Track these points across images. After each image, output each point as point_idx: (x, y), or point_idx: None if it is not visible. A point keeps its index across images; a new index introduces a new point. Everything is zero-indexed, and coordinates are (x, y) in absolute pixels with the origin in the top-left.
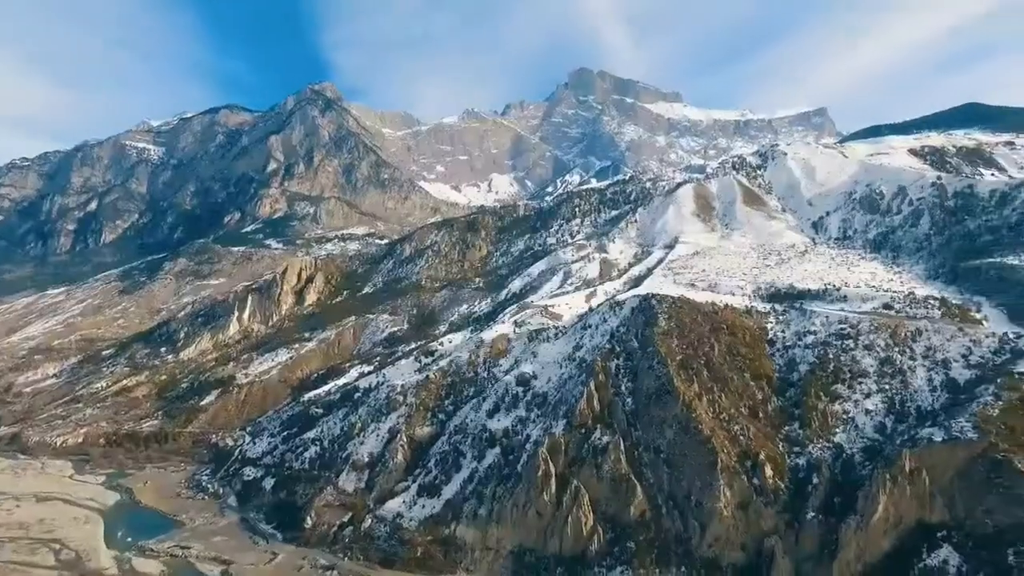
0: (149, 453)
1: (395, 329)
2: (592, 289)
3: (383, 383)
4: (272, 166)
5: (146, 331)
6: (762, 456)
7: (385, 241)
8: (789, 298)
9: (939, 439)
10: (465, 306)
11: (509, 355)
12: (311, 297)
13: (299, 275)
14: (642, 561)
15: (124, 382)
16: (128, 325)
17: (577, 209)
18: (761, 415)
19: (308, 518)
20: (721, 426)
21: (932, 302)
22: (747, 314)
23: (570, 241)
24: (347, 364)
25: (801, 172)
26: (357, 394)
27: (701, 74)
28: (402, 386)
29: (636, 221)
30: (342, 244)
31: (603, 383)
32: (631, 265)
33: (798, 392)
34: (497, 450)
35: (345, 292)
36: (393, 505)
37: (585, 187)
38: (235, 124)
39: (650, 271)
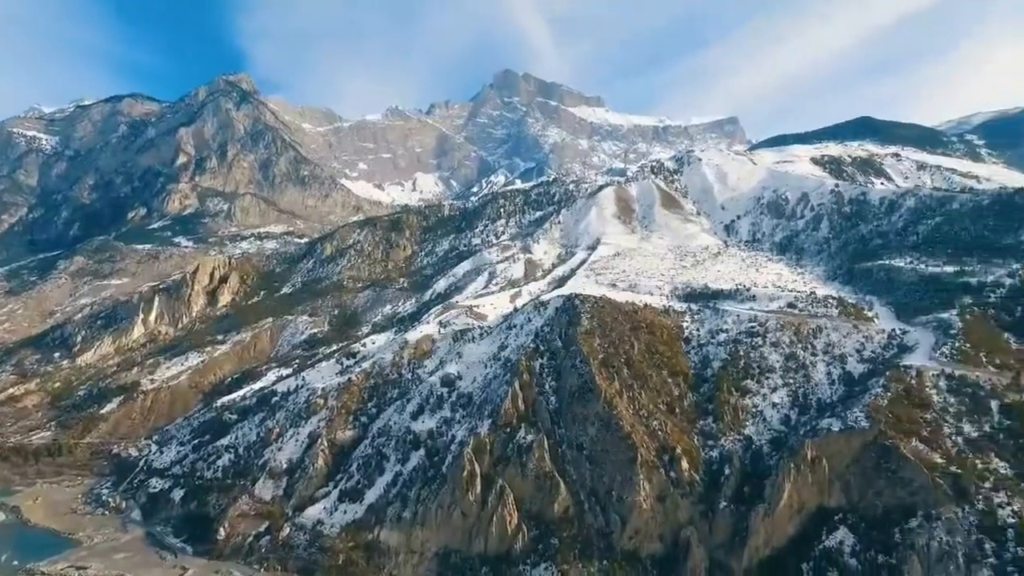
0: (40, 467)
1: (315, 331)
2: (517, 289)
3: (303, 386)
4: (182, 160)
5: (37, 335)
6: (679, 450)
7: (305, 240)
8: (704, 298)
9: (836, 429)
10: (389, 306)
11: (434, 356)
12: (225, 298)
13: (212, 275)
14: (565, 557)
15: (11, 391)
16: (15, 329)
17: (502, 210)
18: (678, 410)
19: (221, 529)
20: (640, 422)
21: (831, 301)
22: (665, 313)
23: (495, 242)
24: (264, 367)
25: (714, 177)
26: (275, 398)
27: (622, 79)
28: (323, 389)
29: (560, 222)
30: (258, 243)
31: (528, 382)
32: (555, 266)
33: (712, 388)
34: (422, 452)
35: (262, 292)
36: (313, 512)
37: (510, 188)
38: (140, 114)
39: (573, 271)
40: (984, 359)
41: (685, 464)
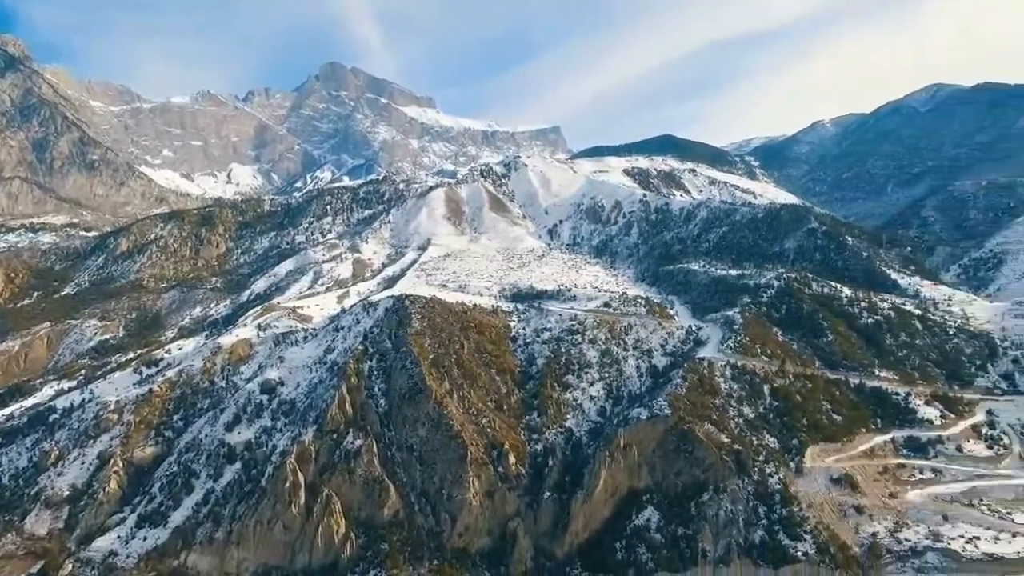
0: None
1: (107, 336)
2: (345, 290)
3: (90, 400)
4: None
5: None
6: (506, 446)
7: (93, 233)
8: (529, 298)
9: (644, 417)
10: (199, 308)
11: (252, 361)
12: None
13: None
14: (395, 561)
15: None
16: None
17: (329, 207)
18: (505, 407)
19: None
20: (470, 420)
21: (640, 301)
22: (493, 313)
23: (321, 240)
24: (38, 381)
25: (539, 183)
26: (53, 416)
27: (452, 82)
28: (116, 402)
29: (390, 222)
30: (31, 235)
31: (356, 385)
32: (385, 265)
33: (536, 384)
34: (238, 465)
35: (36, 293)
36: (104, 543)
37: (337, 185)
38: None
39: (404, 272)
40: (759, 350)
41: (512, 459)
